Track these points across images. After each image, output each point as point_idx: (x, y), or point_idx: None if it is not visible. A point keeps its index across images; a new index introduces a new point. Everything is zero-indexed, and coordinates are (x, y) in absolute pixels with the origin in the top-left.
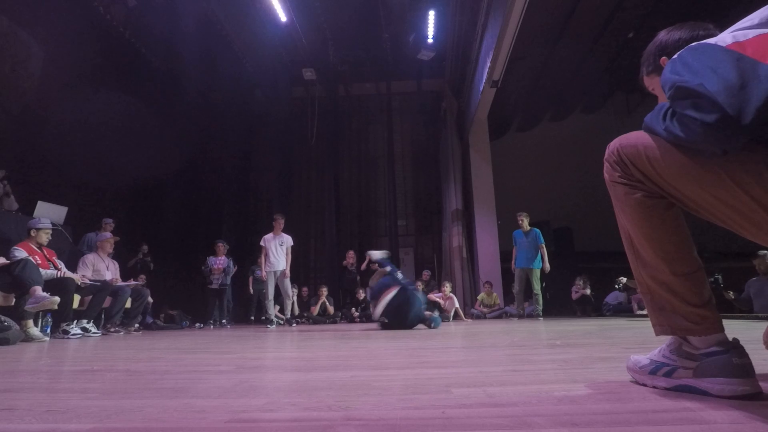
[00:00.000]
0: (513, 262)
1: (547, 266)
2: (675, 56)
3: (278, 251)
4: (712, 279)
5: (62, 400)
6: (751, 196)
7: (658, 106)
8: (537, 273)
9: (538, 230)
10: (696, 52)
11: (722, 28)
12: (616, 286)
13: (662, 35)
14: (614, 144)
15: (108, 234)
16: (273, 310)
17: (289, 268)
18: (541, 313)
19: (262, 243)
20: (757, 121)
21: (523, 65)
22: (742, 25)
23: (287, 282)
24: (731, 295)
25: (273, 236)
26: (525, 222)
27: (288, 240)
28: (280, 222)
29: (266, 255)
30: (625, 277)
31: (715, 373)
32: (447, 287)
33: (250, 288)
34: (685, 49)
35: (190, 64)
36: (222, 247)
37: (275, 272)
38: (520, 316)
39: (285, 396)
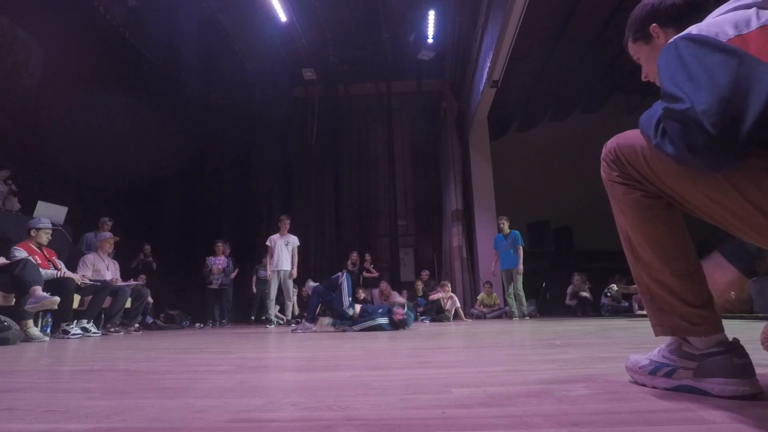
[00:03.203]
0: (494, 265)
1: (521, 267)
2: (671, 43)
3: (283, 251)
4: None
5: (62, 400)
6: (749, 200)
7: (653, 107)
8: (520, 274)
9: (517, 232)
10: (695, 46)
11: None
12: (608, 294)
13: None
14: (611, 143)
15: (108, 234)
16: (274, 310)
17: (295, 269)
18: (526, 313)
19: (268, 243)
20: (751, 137)
21: (523, 65)
22: (742, 2)
23: (290, 283)
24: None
25: (279, 236)
26: (505, 225)
27: (294, 240)
28: (286, 223)
29: (272, 255)
30: (614, 284)
31: (716, 373)
32: (448, 286)
33: (253, 287)
34: (683, 38)
35: (190, 64)
36: (221, 246)
37: (280, 272)
38: (522, 316)
39: (285, 396)
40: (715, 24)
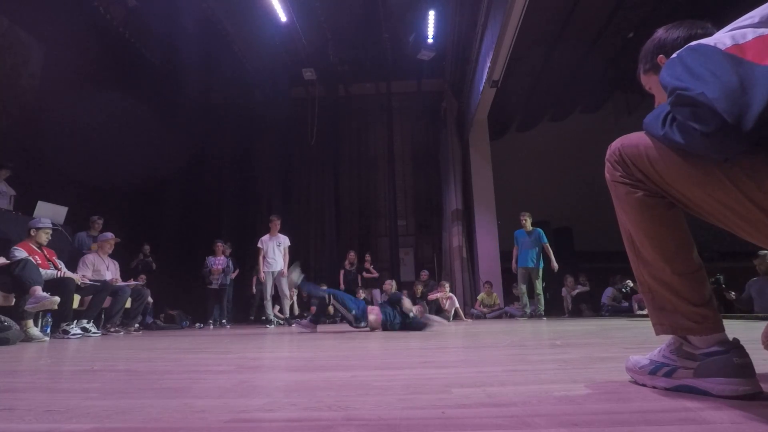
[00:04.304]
0: (514, 262)
1: (555, 265)
2: (674, 56)
3: (275, 252)
4: (714, 279)
5: (62, 400)
6: (750, 199)
7: (658, 108)
8: (539, 273)
9: (541, 230)
10: (696, 53)
11: (720, 27)
12: (623, 290)
13: (660, 33)
14: (616, 144)
15: (109, 234)
16: (272, 310)
17: (286, 268)
18: (543, 313)
19: (259, 245)
20: (759, 126)
21: (523, 65)
22: (742, 23)
23: (284, 282)
24: (732, 295)
25: (270, 237)
26: (528, 221)
27: (285, 240)
28: (276, 223)
29: (264, 256)
30: (630, 280)
31: (716, 372)
32: (446, 286)
33: (253, 288)
34: (685, 49)
35: (190, 64)
36: (221, 247)
37: (273, 273)
38: (529, 316)
39: (285, 396)
40: (714, 38)
